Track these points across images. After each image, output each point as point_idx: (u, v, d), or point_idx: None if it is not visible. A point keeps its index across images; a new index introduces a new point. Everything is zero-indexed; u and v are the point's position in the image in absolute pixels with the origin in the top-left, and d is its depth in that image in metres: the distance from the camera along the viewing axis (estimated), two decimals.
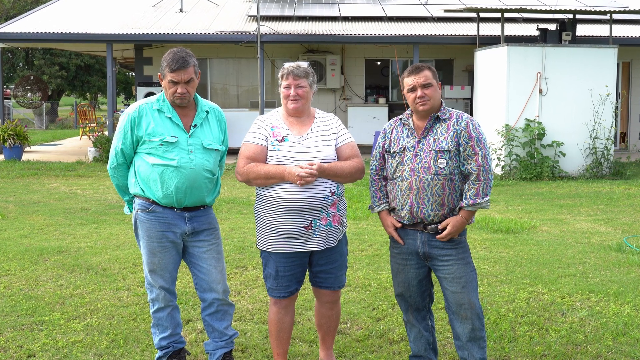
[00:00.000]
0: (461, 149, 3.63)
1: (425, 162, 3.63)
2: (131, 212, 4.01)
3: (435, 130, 3.68)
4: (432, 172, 3.61)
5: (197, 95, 3.97)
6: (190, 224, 3.89)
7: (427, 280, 3.83)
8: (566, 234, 7.71)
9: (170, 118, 3.83)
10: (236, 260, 6.34)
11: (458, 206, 3.65)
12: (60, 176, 12.52)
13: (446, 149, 3.62)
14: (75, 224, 8.11)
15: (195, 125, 3.87)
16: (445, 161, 3.61)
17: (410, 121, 3.76)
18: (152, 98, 3.93)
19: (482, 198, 3.61)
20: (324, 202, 3.68)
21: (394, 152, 3.74)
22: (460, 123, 3.66)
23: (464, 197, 3.64)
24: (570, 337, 4.53)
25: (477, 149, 3.62)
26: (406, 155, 3.68)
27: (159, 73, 3.86)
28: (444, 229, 3.64)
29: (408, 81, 3.70)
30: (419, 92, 3.65)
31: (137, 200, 3.91)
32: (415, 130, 3.72)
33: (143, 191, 3.85)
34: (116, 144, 3.88)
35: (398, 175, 3.70)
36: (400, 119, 3.83)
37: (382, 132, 3.87)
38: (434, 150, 3.63)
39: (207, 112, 3.95)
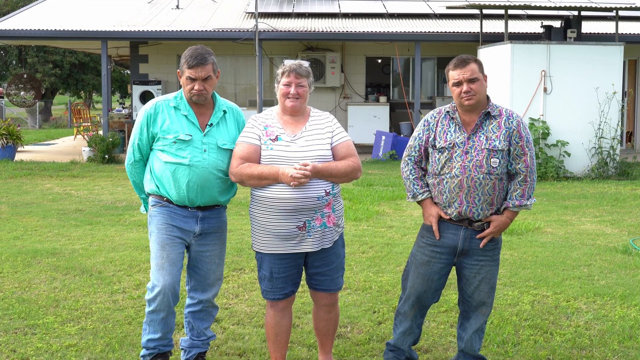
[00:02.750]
0: (511, 148, 3.64)
1: (477, 160, 3.62)
2: (147, 211, 4.03)
3: (485, 128, 3.66)
4: (484, 171, 3.61)
5: (216, 94, 4.01)
6: (201, 225, 3.92)
7: (445, 279, 3.85)
8: (571, 235, 7.72)
9: (186, 116, 3.87)
10: (234, 263, 6.34)
11: (504, 206, 3.69)
12: (54, 176, 12.52)
13: (499, 148, 3.62)
14: (70, 226, 8.11)
15: (212, 124, 3.90)
16: (497, 160, 3.62)
17: (457, 115, 3.72)
18: (170, 95, 3.97)
19: (528, 199, 3.67)
20: (318, 202, 3.68)
21: (442, 147, 3.69)
22: (512, 122, 3.66)
23: (509, 197, 3.67)
24: (576, 341, 4.53)
25: (527, 149, 3.65)
26: (455, 152, 3.65)
27: (178, 70, 3.91)
28: (489, 225, 3.68)
29: (454, 75, 3.65)
30: (464, 87, 3.61)
31: (151, 198, 3.95)
32: (464, 126, 3.69)
33: (158, 188, 3.89)
34: (133, 139, 3.94)
35: (447, 171, 3.67)
36: (448, 112, 3.76)
37: (425, 124, 3.79)
38: (487, 149, 3.62)
39: (225, 112, 3.98)
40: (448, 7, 15.94)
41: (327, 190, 3.71)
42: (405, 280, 3.92)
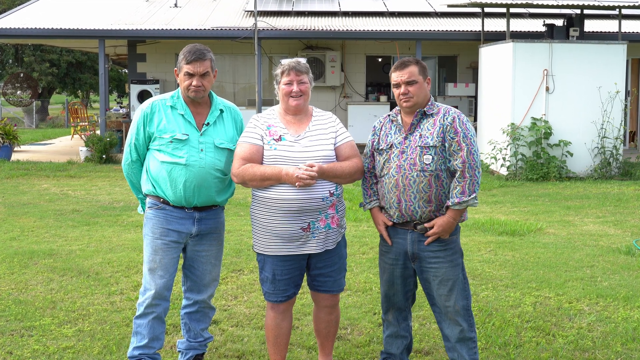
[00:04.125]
0: (446, 144, 3.66)
1: (411, 158, 3.67)
2: (144, 211, 4.04)
3: (422, 126, 3.72)
4: (418, 168, 3.65)
5: (213, 93, 4.02)
6: (198, 226, 3.92)
7: (412, 280, 3.89)
8: (574, 236, 7.72)
9: (182, 115, 3.87)
10: (233, 264, 6.34)
11: (445, 205, 3.69)
12: (51, 177, 12.52)
13: (431, 144, 3.66)
14: (67, 226, 8.11)
15: (209, 123, 3.90)
16: (430, 157, 3.65)
17: (399, 117, 3.81)
18: (166, 94, 3.97)
19: (469, 195, 3.64)
20: (322, 203, 3.68)
21: (381, 149, 3.79)
22: (446, 118, 3.70)
23: (450, 195, 3.68)
24: (578, 343, 4.53)
25: (463, 144, 3.64)
26: (393, 152, 3.73)
27: (175, 68, 3.92)
28: (432, 228, 3.68)
29: (394, 76, 3.76)
30: (402, 89, 3.71)
31: (148, 199, 3.95)
32: (403, 127, 3.77)
33: (154, 188, 3.89)
34: (130, 139, 3.94)
35: (385, 172, 3.75)
36: (389, 115, 3.88)
37: (372, 130, 3.92)
38: (419, 146, 3.67)
39: (222, 111, 3.98)
40: (449, 6, 15.93)
41: (332, 191, 3.71)
42: (380, 285, 4.01)
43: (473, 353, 3.79)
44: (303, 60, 3.84)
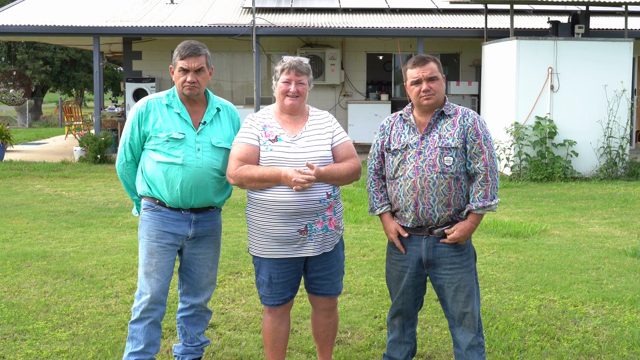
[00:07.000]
0: (468, 146, 3.63)
1: (430, 159, 3.61)
2: (139, 213, 4.03)
3: (439, 126, 3.66)
4: (438, 170, 3.59)
5: (209, 91, 4.01)
6: (195, 228, 3.92)
7: (423, 287, 3.86)
8: (579, 238, 7.72)
9: (179, 114, 3.86)
10: (230, 266, 6.34)
11: (466, 210, 3.65)
12: (45, 177, 12.52)
13: (453, 145, 3.61)
14: (60, 228, 8.11)
15: (205, 122, 3.89)
16: (451, 159, 3.60)
17: (412, 117, 3.73)
18: (162, 93, 3.96)
19: (491, 200, 3.61)
20: (319, 205, 3.67)
21: (395, 149, 3.70)
22: (467, 119, 3.66)
23: (472, 199, 3.62)
24: (584, 347, 4.53)
25: (484, 147, 3.62)
26: (409, 153, 3.66)
27: (170, 66, 3.91)
28: (450, 233, 3.64)
29: (412, 73, 3.67)
30: (424, 86, 3.63)
31: (143, 201, 3.94)
32: (418, 127, 3.70)
33: (150, 189, 3.88)
34: (124, 139, 3.93)
35: (400, 174, 3.67)
36: (401, 114, 3.80)
37: (381, 129, 3.83)
38: (439, 147, 3.61)
39: (219, 109, 3.98)
40: (452, 2, 15.95)
41: (329, 193, 3.70)
42: (390, 293, 3.96)
43: (482, 358, 3.78)
44: (306, 60, 3.81)
